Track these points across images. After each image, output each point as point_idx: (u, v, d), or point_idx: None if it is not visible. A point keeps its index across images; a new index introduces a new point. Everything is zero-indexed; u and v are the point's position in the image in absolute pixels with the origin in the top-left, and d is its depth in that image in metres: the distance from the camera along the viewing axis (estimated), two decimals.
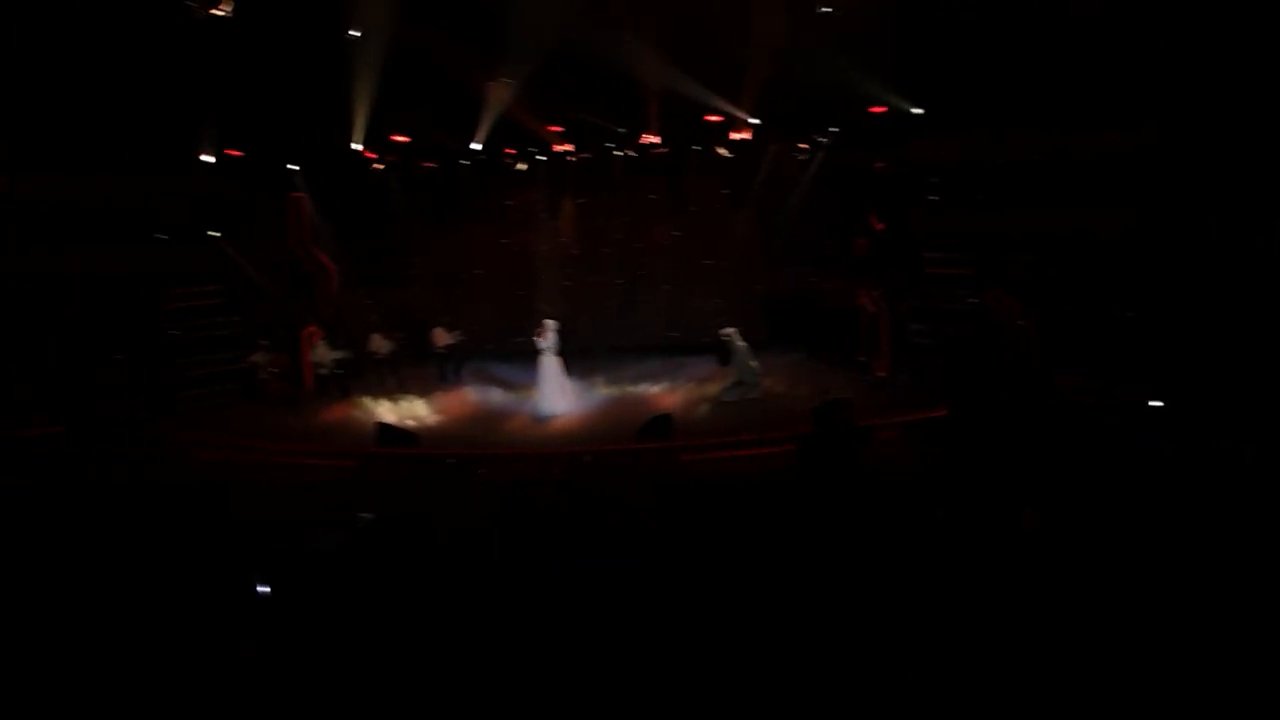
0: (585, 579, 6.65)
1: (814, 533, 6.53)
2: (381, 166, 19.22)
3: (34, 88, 13.91)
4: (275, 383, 16.84)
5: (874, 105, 15.92)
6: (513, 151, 19.17)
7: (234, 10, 13.71)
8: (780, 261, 20.16)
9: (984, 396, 13.01)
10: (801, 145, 18.43)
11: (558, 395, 15.65)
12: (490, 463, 13.23)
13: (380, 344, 18.27)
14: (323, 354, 17.70)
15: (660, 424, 13.64)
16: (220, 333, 17.52)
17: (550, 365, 15.70)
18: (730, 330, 16.07)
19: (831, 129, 17.67)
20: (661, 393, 16.53)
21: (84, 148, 15.21)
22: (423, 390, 17.30)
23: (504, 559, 7.28)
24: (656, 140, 18.26)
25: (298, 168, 18.40)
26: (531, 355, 16.01)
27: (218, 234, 17.46)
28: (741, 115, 17.03)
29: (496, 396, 16.73)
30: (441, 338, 18.50)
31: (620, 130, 18.11)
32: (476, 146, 17.98)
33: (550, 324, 15.88)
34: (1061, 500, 7.23)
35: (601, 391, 16.76)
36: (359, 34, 14.73)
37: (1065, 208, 13.81)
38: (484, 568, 7.27)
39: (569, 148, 18.95)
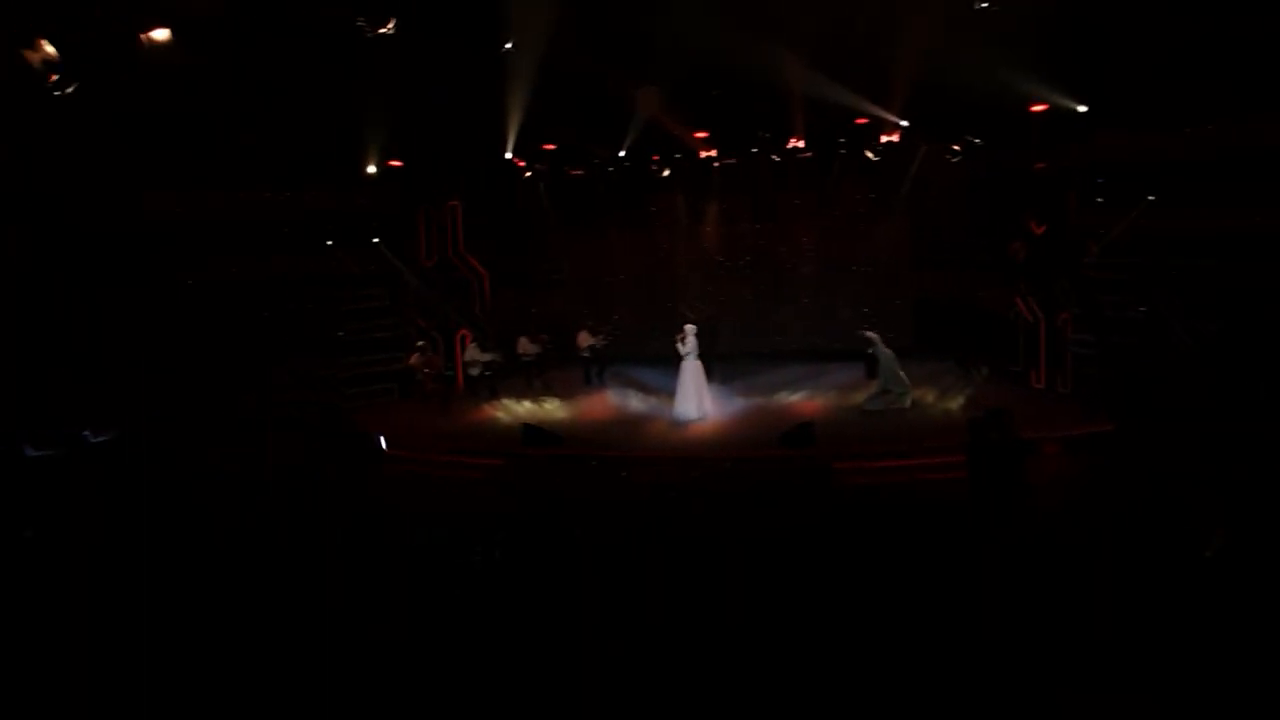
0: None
1: (978, 550, 6.27)
2: (530, 174, 19.86)
3: (216, 112, 15.04)
4: (430, 383, 17.64)
5: (1034, 103, 15.20)
6: (657, 158, 19.38)
7: (398, 28, 14.38)
8: (930, 266, 19.56)
9: (1152, 411, 12.24)
10: (954, 146, 17.79)
11: (697, 401, 15.67)
12: (631, 466, 13.40)
13: (527, 346, 18.80)
14: (473, 356, 18.42)
15: (802, 432, 13.45)
16: (381, 335, 18.54)
17: (690, 370, 15.74)
18: (872, 335, 15.64)
19: (987, 129, 17.00)
20: (804, 400, 16.30)
21: (260, 164, 16.44)
22: (567, 392, 17.69)
23: (645, 559, 7.40)
24: (801, 144, 18.05)
25: (453, 176, 19.21)
26: (673, 360, 16.10)
27: (378, 240, 18.47)
28: (890, 117, 16.61)
29: (638, 400, 16.90)
30: (586, 341, 18.88)
31: (765, 135, 17.99)
32: (622, 153, 18.27)
33: (690, 329, 15.93)
34: (1241, 525, 6.70)
35: (742, 398, 16.67)
36: (512, 47, 15.19)
37: (1244, 207, 12.77)
38: (626, 567, 7.40)
39: (713, 153, 19.00)
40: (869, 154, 17.97)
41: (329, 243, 17.84)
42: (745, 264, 20.79)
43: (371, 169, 17.62)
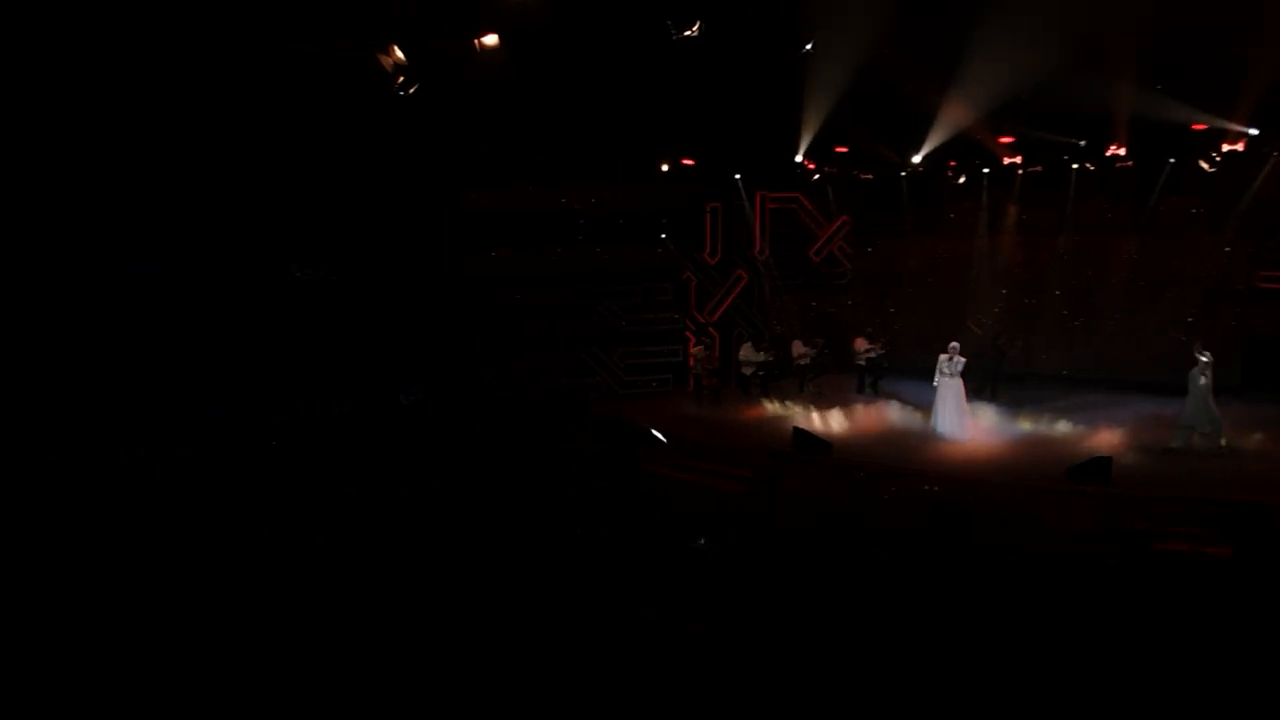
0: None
1: None
2: (818, 177, 19.71)
3: (527, 111, 16.22)
4: (707, 378, 18.09)
5: None
6: (955, 163, 18.51)
7: (702, 30, 14.76)
8: (1267, 294, 17.09)
9: None
10: None
11: (952, 419, 14.91)
12: (901, 480, 12.96)
13: (801, 349, 18.71)
14: (747, 355, 18.64)
15: (1097, 467, 12.33)
16: (662, 328, 19.25)
17: (950, 388, 14.99)
18: (1202, 357, 13.82)
19: None
20: (1097, 431, 14.83)
21: (563, 162, 17.57)
22: (838, 400, 17.40)
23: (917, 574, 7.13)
24: (1121, 152, 16.46)
25: (740, 176, 19.49)
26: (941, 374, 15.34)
27: (665, 236, 19.16)
28: (1234, 125, 14.73)
29: (910, 413, 16.27)
30: (862, 348, 18.44)
31: (1079, 142, 16.58)
32: (917, 158, 17.65)
33: (955, 346, 15.19)
34: None
35: (1029, 422, 15.55)
36: (811, 48, 15.11)
37: None
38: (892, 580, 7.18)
39: (1018, 159, 17.84)
40: (1203, 164, 16.04)
41: (619, 237, 18.76)
42: (1044, 279, 19.29)
43: (665, 167, 18.30)
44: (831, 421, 16.17)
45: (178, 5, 12.90)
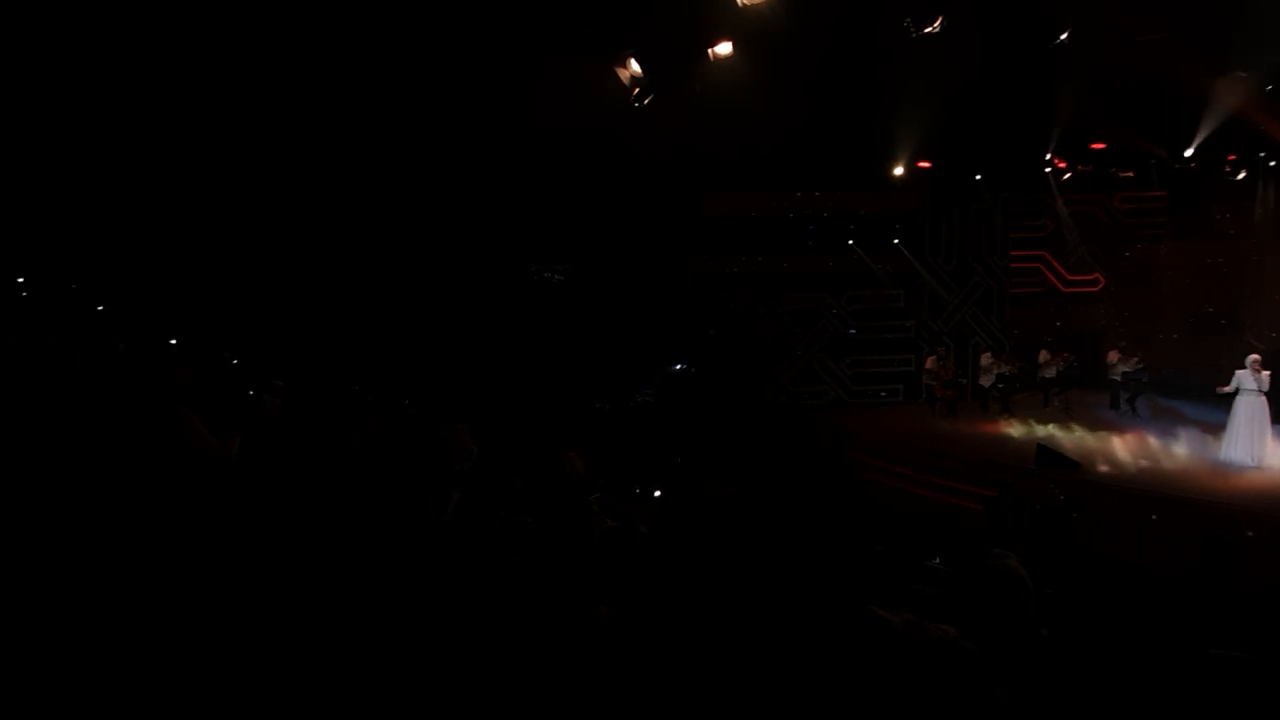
0: None
1: None
2: (1070, 175, 18.38)
3: (764, 116, 16.21)
4: (941, 389, 17.30)
5: None
6: (1234, 157, 16.66)
7: (943, 26, 14.19)
8: None
9: None
10: None
11: (1251, 442, 13.22)
12: (1166, 507, 11.78)
13: (1046, 359, 17.46)
14: (987, 365, 17.62)
15: None
16: (892, 336, 18.64)
17: (1248, 407, 13.31)
18: None
19: None
20: None
21: (799, 165, 17.41)
22: (1089, 416, 16.09)
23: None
24: None
25: (981, 177, 18.50)
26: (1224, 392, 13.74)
27: (898, 241, 18.55)
28: None
29: (1175, 433, 14.70)
30: (1117, 362, 16.91)
31: None
32: (1188, 152, 16.05)
33: (1256, 359, 13.47)
34: None
35: None
36: (1065, 39, 14.15)
37: None
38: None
39: None
40: None
41: (850, 242, 18.35)
42: None
43: (899, 170, 17.71)
44: (1081, 438, 14.95)
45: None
